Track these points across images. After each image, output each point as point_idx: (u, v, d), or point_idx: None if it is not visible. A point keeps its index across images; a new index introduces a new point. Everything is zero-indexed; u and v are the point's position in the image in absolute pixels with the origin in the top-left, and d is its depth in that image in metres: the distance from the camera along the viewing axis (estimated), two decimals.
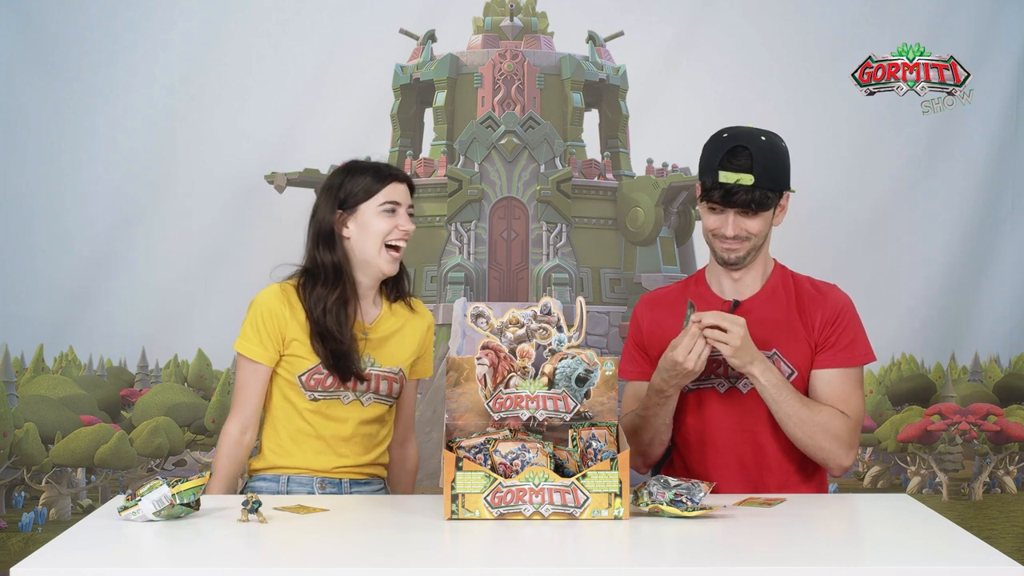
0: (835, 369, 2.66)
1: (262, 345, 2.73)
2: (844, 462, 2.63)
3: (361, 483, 2.82)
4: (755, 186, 2.57)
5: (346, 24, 4.33)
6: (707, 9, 4.38)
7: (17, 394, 4.28)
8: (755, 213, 2.61)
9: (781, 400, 2.59)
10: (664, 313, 2.76)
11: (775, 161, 2.63)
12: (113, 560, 2.10)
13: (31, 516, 4.25)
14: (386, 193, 2.74)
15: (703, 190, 2.65)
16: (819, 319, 2.68)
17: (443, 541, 2.22)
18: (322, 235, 2.75)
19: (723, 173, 2.58)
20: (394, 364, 2.80)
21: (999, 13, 4.36)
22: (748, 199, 2.58)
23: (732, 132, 2.66)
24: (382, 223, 2.73)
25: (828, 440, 2.60)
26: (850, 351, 2.68)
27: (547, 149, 4.50)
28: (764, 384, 2.58)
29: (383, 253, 2.74)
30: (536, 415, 2.40)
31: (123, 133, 4.27)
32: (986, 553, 2.08)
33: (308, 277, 2.77)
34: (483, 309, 2.42)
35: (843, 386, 2.66)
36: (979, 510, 4.41)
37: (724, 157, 2.60)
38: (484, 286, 4.50)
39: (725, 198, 2.59)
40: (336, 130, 4.31)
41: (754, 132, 2.66)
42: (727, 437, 2.69)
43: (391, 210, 2.75)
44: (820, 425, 2.60)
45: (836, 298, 2.72)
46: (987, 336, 4.45)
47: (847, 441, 2.62)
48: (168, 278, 4.28)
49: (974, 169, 4.38)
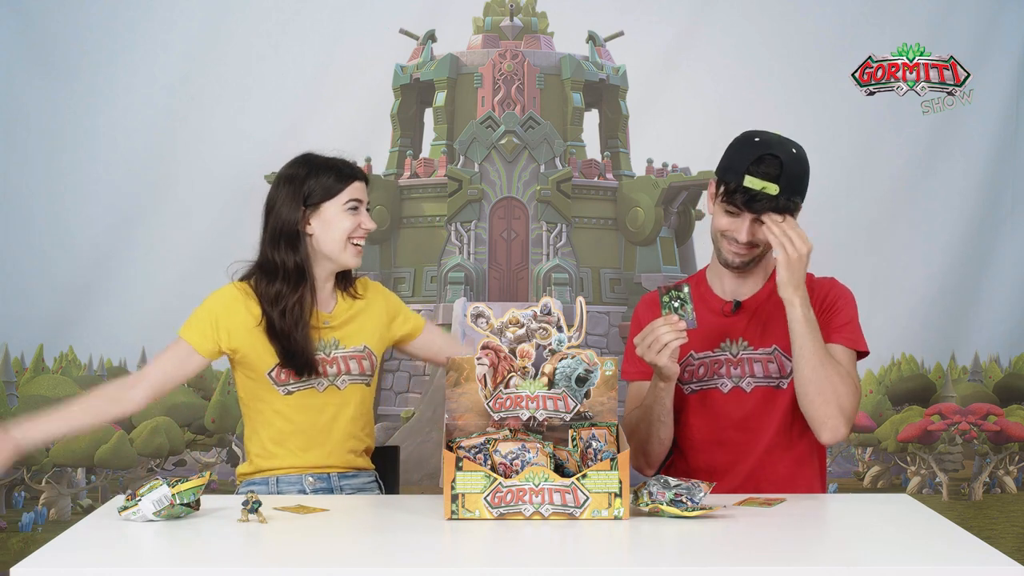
0: (833, 344, 2.64)
1: (203, 335, 2.76)
2: (840, 429, 2.58)
3: (349, 476, 2.83)
4: (778, 196, 2.54)
5: (346, 24, 4.33)
6: (707, 9, 4.38)
7: (17, 394, 4.28)
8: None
9: (810, 338, 2.54)
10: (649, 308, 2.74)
11: (800, 175, 2.60)
12: (113, 560, 2.10)
13: (31, 516, 4.26)
14: (349, 192, 2.78)
15: (724, 190, 2.60)
16: (816, 303, 2.66)
17: (443, 541, 2.22)
18: (284, 234, 2.77)
19: (749, 178, 2.54)
20: (359, 343, 2.82)
21: (999, 13, 4.36)
22: (771, 207, 2.55)
23: (764, 138, 2.62)
24: (346, 222, 2.76)
25: (833, 396, 2.56)
26: (848, 331, 2.66)
27: (547, 149, 4.50)
28: (800, 315, 2.54)
29: (348, 248, 2.78)
30: (536, 415, 2.40)
31: (123, 133, 4.27)
32: (986, 553, 2.08)
33: (263, 274, 2.80)
34: (483, 309, 2.42)
35: (843, 361, 2.63)
36: (979, 510, 4.41)
37: (753, 162, 2.55)
38: (484, 286, 4.50)
39: (748, 203, 2.56)
40: (336, 130, 4.30)
41: (785, 142, 2.62)
42: (730, 435, 2.69)
43: (354, 208, 2.78)
44: (833, 381, 2.55)
45: (832, 285, 2.72)
46: (987, 336, 4.44)
47: (849, 411, 2.59)
48: (168, 278, 4.27)
49: (974, 169, 4.38)
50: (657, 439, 2.66)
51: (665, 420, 2.63)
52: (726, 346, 2.71)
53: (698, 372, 2.72)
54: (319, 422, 2.79)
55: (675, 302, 2.51)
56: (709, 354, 2.72)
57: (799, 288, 2.56)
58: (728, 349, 2.71)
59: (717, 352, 2.71)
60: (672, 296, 2.52)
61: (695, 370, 2.72)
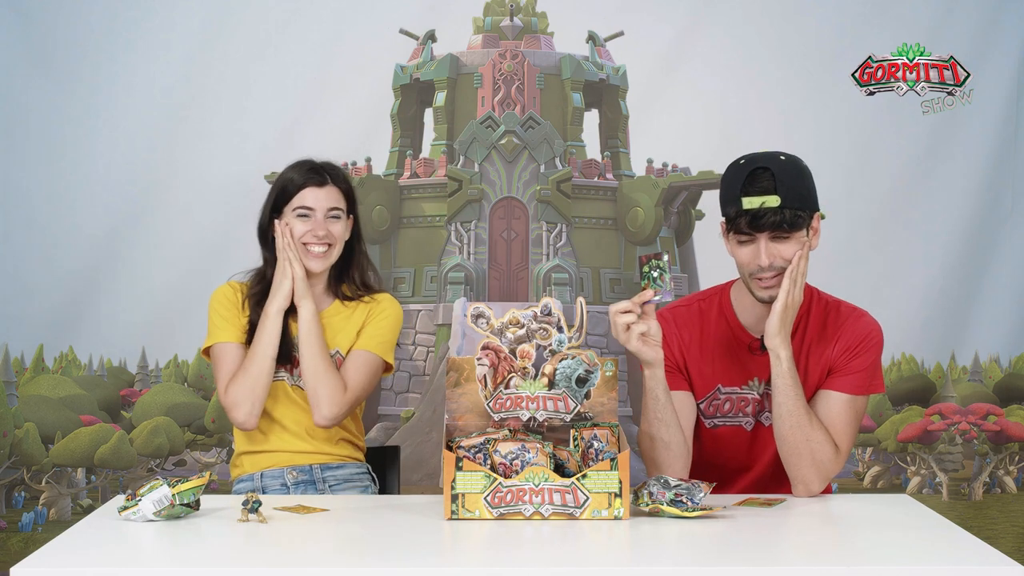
0: (842, 394, 2.60)
1: (232, 325, 2.85)
2: (813, 488, 2.56)
3: (333, 467, 2.87)
4: (783, 206, 2.45)
5: (346, 24, 4.33)
6: (707, 9, 4.38)
7: (17, 394, 4.28)
8: (787, 235, 2.49)
9: (792, 394, 2.51)
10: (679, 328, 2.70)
11: (799, 179, 2.50)
12: (113, 560, 2.10)
13: (31, 516, 4.25)
14: (299, 199, 2.85)
15: (729, 223, 2.52)
16: (839, 344, 2.61)
17: (443, 541, 2.22)
18: (260, 234, 2.93)
19: (746, 199, 2.46)
20: (331, 346, 2.86)
21: (999, 13, 4.36)
22: (778, 219, 2.46)
23: (748, 157, 2.54)
24: (297, 226, 2.84)
25: (809, 458, 2.53)
26: (862, 379, 2.61)
27: (547, 149, 4.50)
28: (785, 370, 2.50)
29: (303, 252, 2.85)
30: (536, 416, 2.40)
31: (123, 133, 4.27)
32: (986, 553, 2.08)
33: (256, 273, 2.95)
34: (483, 309, 2.42)
35: (844, 414, 2.59)
36: (979, 510, 4.41)
37: (745, 183, 2.47)
38: (484, 286, 4.50)
39: (753, 223, 2.47)
40: (336, 130, 4.31)
41: (772, 153, 2.54)
42: (742, 463, 2.68)
43: (303, 215, 2.84)
44: (810, 441, 2.52)
45: (865, 324, 2.64)
46: (987, 336, 4.44)
47: (826, 471, 2.55)
48: (168, 278, 4.28)
49: (974, 169, 4.38)
50: (662, 444, 2.53)
51: (663, 417, 2.52)
52: (754, 384, 2.67)
53: (723, 407, 2.68)
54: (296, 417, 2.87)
55: (654, 271, 2.46)
56: (736, 390, 2.67)
57: (787, 339, 2.52)
58: (755, 388, 2.67)
59: (744, 389, 2.67)
60: (652, 266, 2.46)
61: (720, 404, 2.68)
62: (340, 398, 2.80)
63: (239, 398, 2.78)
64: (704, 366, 2.67)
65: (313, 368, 2.79)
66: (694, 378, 2.68)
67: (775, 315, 2.50)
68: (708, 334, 2.68)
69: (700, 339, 2.68)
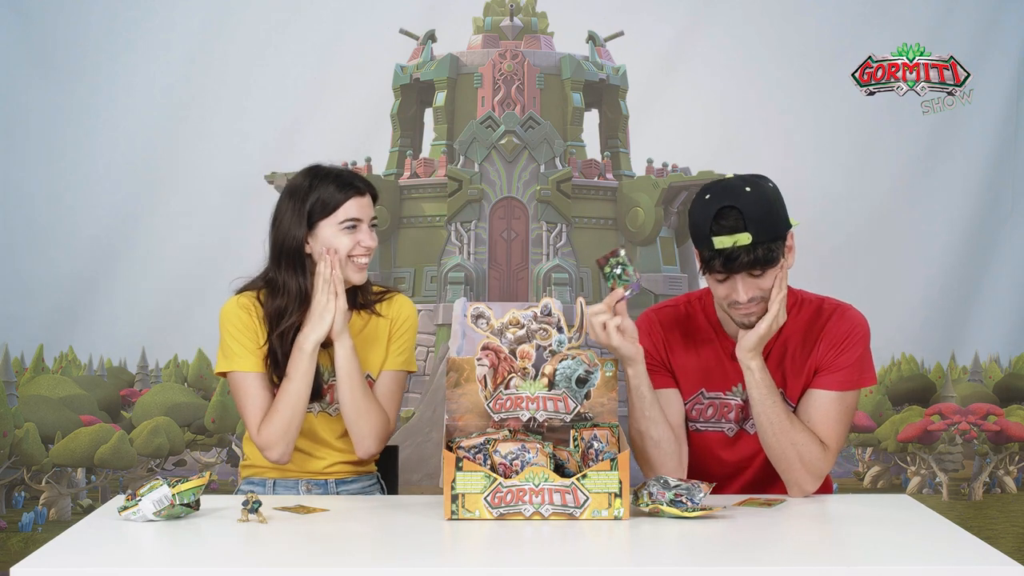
0: (829, 392, 2.58)
1: (251, 353, 2.70)
2: (807, 488, 2.56)
3: (348, 481, 2.81)
4: (755, 243, 2.40)
5: (346, 24, 4.33)
6: (707, 9, 4.38)
7: (17, 394, 4.28)
8: (762, 271, 2.45)
9: (768, 403, 2.52)
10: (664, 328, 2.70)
11: (767, 210, 2.44)
12: (113, 560, 2.10)
13: (31, 516, 4.25)
14: (345, 210, 2.67)
15: (703, 261, 2.49)
16: (824, 343, 2.60)
17: (443, 541, 2.22)
18: (286, 253, 2.69)
19: (717, 239, 2.40)
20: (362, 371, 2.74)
21: (999, 13, 4.36)
22: (751, 259, 2.42)
23: (713, 191, 2.46)
24: (343, 241, 2.67)
25: (797, 461, 2.53)
26: (849, 374, 2.59)
27: (547, 149, 4.50)
28: (759, 380, 2.51)
29: (348, 266, 2.69)
30: (536, 416, 2.40)
31: (123, 133, 4.27)
32: (986, 553, 2.08)
33: (270, 290, 2.73)
34: (483, 310, 2.42)
35: (831, 411, 2.58)
36: (979, 510, 4.41)
37: (713, 222, 2.42)
38: (484, 286, 4.50)
39: (727, 265, 2.43)
40: (336, 130, 4.31)
41: (736, 185, 2.46)
42: (727, 471, 2.67)
43: (351, 227, 2.68)
44: (795, 444, 2.52)
45: (847, 320, 2.62)
46: (987, 336, 4.44)
47: (816, 470, 2.55)
48: (168, 278, 4.28)
49: (974, 169, 4.38)
50: (652, 441, 2.54)
51: (649, 414, 2.52)
52: (737, 391, 2.66)
53: (706, 412, 2.68)
54: (304, 444, 2.76)
55: (616, 269, 2.44)
56: (720, 395, 2.67)
57: (759, 355, 2.52)
58: (739, 394, 2.65)
59: (728, 395, 2.67)
60: (612, 264, 2.44)
61: (704, 409, 2.68)
62: (383, 431, 2.72)
63: (273, 439, 2.66)
64: (688, 368, 2.67)
65: (354, 406, 2.67)
66: (678, 378, 2.68)
67: (755, 334, 2.50)
68: (692, 337, 2.67)
69: (683, 341, 2.68)
